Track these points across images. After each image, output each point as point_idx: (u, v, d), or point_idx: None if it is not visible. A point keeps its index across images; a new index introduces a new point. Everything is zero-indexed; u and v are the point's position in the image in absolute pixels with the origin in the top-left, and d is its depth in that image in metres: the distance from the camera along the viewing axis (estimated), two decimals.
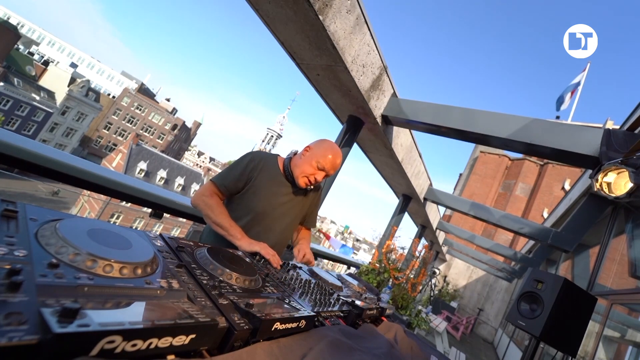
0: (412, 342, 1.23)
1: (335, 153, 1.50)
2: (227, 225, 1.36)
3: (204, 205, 1.39)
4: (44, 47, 55.60)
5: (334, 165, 1.50)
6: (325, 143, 1.53)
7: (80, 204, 28.46)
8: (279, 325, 0.68)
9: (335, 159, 1.49)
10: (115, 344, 0.39)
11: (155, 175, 32.87)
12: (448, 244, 12.65)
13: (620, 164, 2.27)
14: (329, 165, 1.48)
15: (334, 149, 1.51)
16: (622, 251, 4.09)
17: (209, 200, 1.40)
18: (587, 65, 12.06)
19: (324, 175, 1.51)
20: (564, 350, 1.91)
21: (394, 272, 3.23)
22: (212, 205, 1.39)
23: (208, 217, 1.39)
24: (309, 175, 1.48)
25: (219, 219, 1.37)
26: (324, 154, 1.47)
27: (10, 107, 31.94)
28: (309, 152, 1.51)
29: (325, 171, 1.50)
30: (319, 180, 1.51)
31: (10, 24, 35.23)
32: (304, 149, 1.53)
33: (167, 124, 53.63)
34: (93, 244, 0.61)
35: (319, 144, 1.53)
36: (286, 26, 2.62)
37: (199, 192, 1.43)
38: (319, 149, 1.50)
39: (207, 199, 1.40)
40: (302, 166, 1.48)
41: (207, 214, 1.39)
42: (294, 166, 1.51)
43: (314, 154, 1.48)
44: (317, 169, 1.48)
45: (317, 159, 1.47)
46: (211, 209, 1.38)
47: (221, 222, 1.36)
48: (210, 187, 1.44)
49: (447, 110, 3.43)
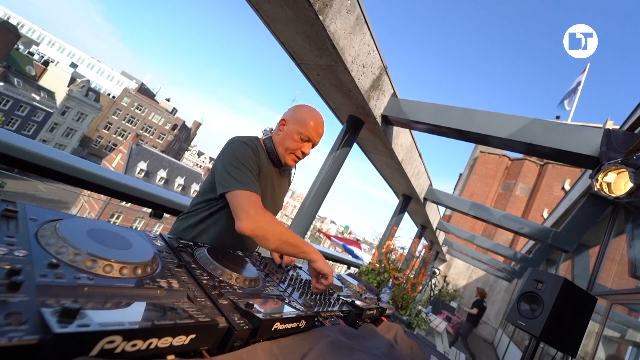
0: (412, 342, 1.23)
1: (315, 117, 1.32)
2: (301, 244, 1.12)
3: (273, 225, 1.08)
4: (44, 47, 55.60)
5: (318, 132, 1.33)
6: (300, 109, 1.34)
7: (80, 204, 28.46)
8: (279, 325, 0.69)
9: (317, 126, 1.32)
10: (115, 344, 0.39)
11: (155, 175, 32.87)
12: (448, 244, 12.65)
13: (620, 164, 2.27)
14: (313, 132, 1.31)
15: (313, 113, 1.33)
16: (622, 251, 4.09)
17: (271, 218, 1.10)
18: (587, 65, 12.07)
19: (310, 145, 1.35)
20: (564, 350, 1.91)
21: (394, 272, 3.23)
22: (276, 221, 1.11)
23: (280, 237, 1.08)
24: (294, 151, 1.33)
25: (294, 238, 1.12)
26: (304, 123, 1.30)
27: (10, 107, 31.94)
28: (286, 125, 1.33)
29: (311, 141, 1.34)
30: (307, 153, 1.36)
31: (10, 24, 35.21)
32: (280, 123, 1.34)
33: (167, 124, 53.62)
34: (93, 244, 0.61)
35: (294, 112, 1.34)
36: (286, 26, 2.62)
37: (252, 212, 1.06)
38: (297, 118, 1.32)
39: (270, 218, 1.09)
40: (284, 142, 1.31)
41: (278, 234, 1.08)
42: (276, 144, 1.34)
43: (294, 125, 1.31)
44: (301, 141, 1.31)
45: (298, 131, 1.30)
46: (279, 227, 1.09)
47: (296, 242, 1.11)
48: (256, 202, 1.10)
49: (447, 110, 3.43)
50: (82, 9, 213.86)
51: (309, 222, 3.77)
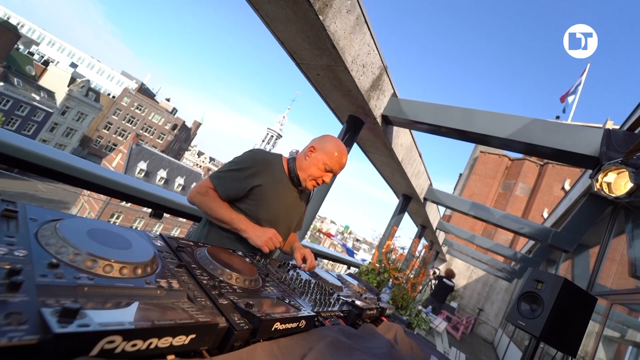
0: (412, 342, 1.23)
1: (341, 151, 1.45)
2: (228, 218, 1.31)
3: (201, 203, 1.32)
4: (44, 47, 55.61)
5: (341, 165, 1.46)
6: (330, 142, 1.45)
7: (80, 204, 28.47)
8: (279, 325, 0.68)
9: (341, 158, 1.45)
10: (115, 344, 0.39)
11: (155, 175, 32.88)
12: (448, 244, 12.65)
13: (620, 164, 2.27)
14: (336, 165, 1.44)
15: (339, 147, 1.45)
16: (622, 251, 4.09)
17: (205, 198, 1.32)
18: (587, 65, 12.07)
19: (331, 175, 1.47)
20: (564, 350, 1.91)
21: (394, 272, 3.23)
22: (209, 201, 1.32)
23: (208, 213, 1.33)
24: (317, 178, 1.44)
25: (219, 213, 1.31)
26: (331, 155, 1.42)
27: (10, 107, 31.95)
28: (314, 153, 1.43)
29: (333, 172, 1.46)
30: (327, 182, 1.47)
31: (10, 24, 35.24)
32: (308, 150, 1.45)
33: (167, 124, 53.63)
34: (93, 244, 0.61)
35: (323, 142, 1.45)
36: (286, 26, 2.62)
37: (195, 189, 1.34)
38: (325, 149, 1.43)
39: (203, 197, 1.32)
40: (309, 169, 1.42)
41: (206, 210, 1.32)
42: (300, 169, 1.45)
43: (320, 155, 1.42)
44: (324, 171, 1.43)
45: (324, 161, 1.41)
46: (209, 205, 1.31)
47: (222, 217, 1.31)
48: (207, 185, 1.35)
49: (447, 110, 3.43)
50: (83, 9, 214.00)
51: (309, 222, 3.77)
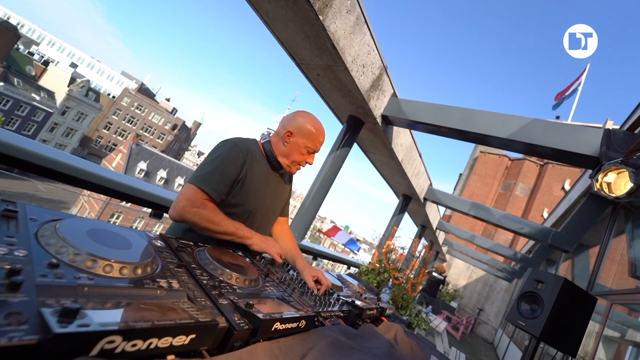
0: (412, 342, 1.23)
1: (319, 129, 1.39)
2: (234, 229, 1.20)
3: (200, 219, 1.14)
4: (44, 47, 55.56)
5: (322, 142, 1.42)
6: (306, 123, 1.37)
7: (80, 204, 28.46)
8: (279, 325, 0.69)
9: (320, 136, 1.40)
10: (115, 344, 0.39)
11: (155, 175, 32.85)
12: (448, 244, 12.65)
13: (620, 164, 2.27)
14: (318, 145, 1.41)
15: (316, 125, 1.39)
16: (622, 251, 4.09)
17: (204, 212, 1.15)
18: (587, 65, 12.07)
19: (314, 156, 1.44)
20: (564, 350, 1.91)
21: (394, 272, 3.23)
22: (211, 214, 1.17)
23: (209, 228, 1.15)
24: (301, 162, 1.41)
25: (224, 226, 1.18)
26: (311, 136, 1.37)
27: (10, 107, 31.94)
28: (292, 137, 1.36)
29: (316, 151, 1.43)
30: (311, 163, 1.45)
31: (10, 24, 35.21)
32: (285, 135, 1.36)
33: (167, 124, 53.61)
34: (93, 244, 0.61)
35: (299, 124, 1.37)
36: (286, 26, 2.62)
37: (184, 203, 1.14)
38: (303, 131, 1.36)
39: (201, 211, 1.14)
40: (291, 155, 1.37)
41: (206, 226, 1.15)
42: (280, 154, 1.38)
43: (300, 139, 1.36)
44: (307, 154, 1.40)
45: (305, 144, 1.36)
46: (211, 219, 1.16)
47: (228, 229, 1.19)
48: (198, 195, 1.17)
49: (447, 110, 3.43)
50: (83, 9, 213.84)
51: (309, 222, 3.77)
